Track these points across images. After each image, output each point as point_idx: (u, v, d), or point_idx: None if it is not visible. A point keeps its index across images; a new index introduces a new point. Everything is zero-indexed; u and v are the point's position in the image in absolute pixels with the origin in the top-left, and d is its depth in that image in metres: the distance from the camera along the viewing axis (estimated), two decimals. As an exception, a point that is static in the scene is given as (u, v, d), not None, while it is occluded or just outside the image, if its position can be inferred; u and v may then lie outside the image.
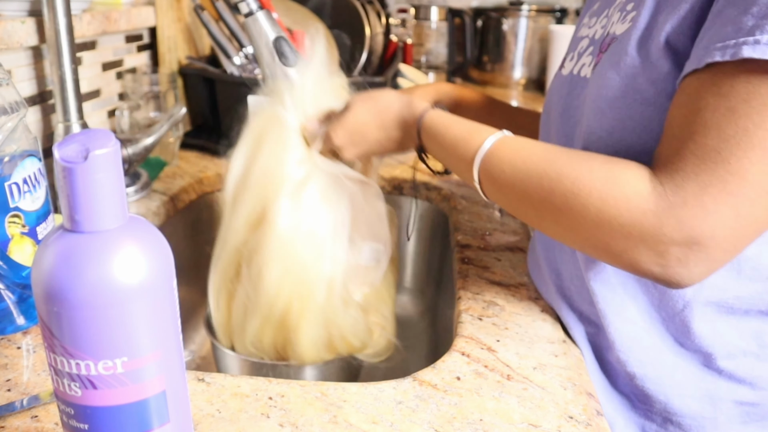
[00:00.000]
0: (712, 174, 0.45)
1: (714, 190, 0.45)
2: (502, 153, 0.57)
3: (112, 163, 0.31)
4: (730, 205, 0.44)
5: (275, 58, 0.73)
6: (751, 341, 0.59)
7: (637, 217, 0.48)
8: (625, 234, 0.48)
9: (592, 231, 0.50)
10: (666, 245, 0.47)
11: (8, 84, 0.56)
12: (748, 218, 0.45)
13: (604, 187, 0.50)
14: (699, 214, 0.45)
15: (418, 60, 2.01)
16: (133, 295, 0.32)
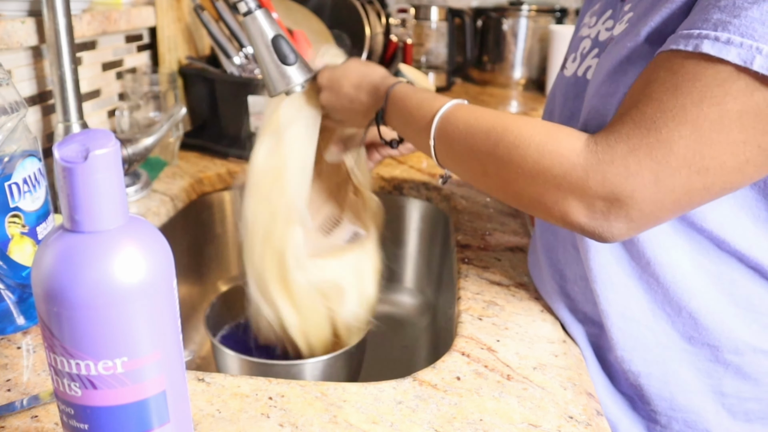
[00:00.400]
0: (641, 139, 0.48)
1: (640, 153, 0.48)
2: (459, 113, 0.62)
3: (112, 163, 0.31)
4: (651, 170, 0.48)
5: (274, 56, 0.73)
6: (759, 337, 0.60)
7: (567, 169, 0.51)
8: (555, 185, 0.52)
9: (528, 182, 0.54)
10: (591, 198, 0.51)
11: (8, 84, 0.56)
12: (667, 186, 0.48)
13: (543, 140, 0.54)
14: (622, 173, 0.49)
15: (418, 60, 2.01)
16: (133, 295, 0.32)
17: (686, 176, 0.48)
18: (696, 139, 0.46)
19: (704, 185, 0.48)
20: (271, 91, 0.75)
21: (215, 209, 1.12)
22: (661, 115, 0.47)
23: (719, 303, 0.59)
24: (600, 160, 0.50)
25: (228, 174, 1.11)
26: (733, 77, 0.45)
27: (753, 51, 0.43)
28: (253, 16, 0.72)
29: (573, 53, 0.70)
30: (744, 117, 0.45)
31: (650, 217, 0.50)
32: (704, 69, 0.46)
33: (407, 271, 1.14)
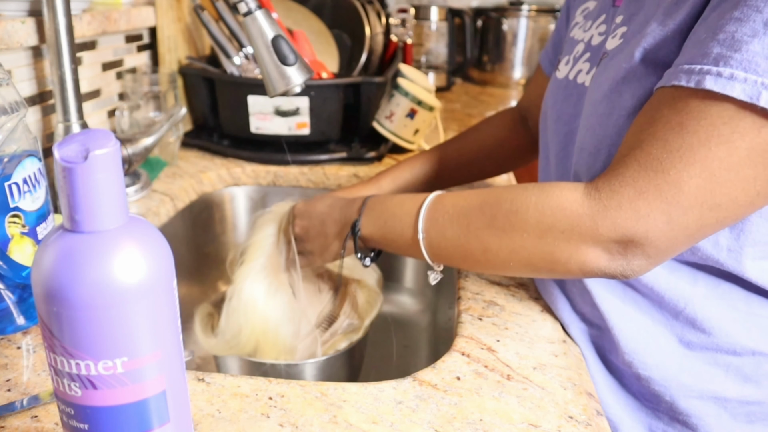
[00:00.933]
0: (649, 181, 0.47)
1: (649, 195, 0.47)
2: (444, 199, 0.60)
3: (112, 163, 0.31)
4: (663, 211, 0.47)
5: (274, 57, 0.73)
6: (759, 339, 0.60)
7: (573, 221, 0.51)
8: (565, 239, 0.51)
9: (537, 244, 0.53)
10: (605, 243, 0.50)
11: (8, 84, 0.56)
12: (680, 224, 0.47)
13: (539, 199, 0.53)
14: (632, 216, 0.48)
15: (418, 60, 2.01)
16: (133, 295, 0.32)
17: (698, 213, 0.47)
18: (706, 178, 0.46)
19: (717, 219, 0.48)
20: (271, 91, 0.75)
21: (215, 209, 1.12)
22: (668, 155, 0.47)
23: (716, 308, 0.59)
24: (606, 206, 0.49)
25: (228, 174, 1.11)
26: (739, 114, 0.44)
27: (758, 86, 0.43)
28: (253, 17, 0.72)
29: (567, 56, 0.70)
30: (753, 153, 0.45)
31: (667, 252, 0.50)
32: (709, 107, 0.45)
33: (407, 271, 1.14)
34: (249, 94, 1.11)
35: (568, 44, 0.71)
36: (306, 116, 1.12)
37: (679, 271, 0.59)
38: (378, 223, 0.64)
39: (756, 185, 0.46)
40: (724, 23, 0.45)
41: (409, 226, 0.60)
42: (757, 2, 0.44)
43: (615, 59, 0.57)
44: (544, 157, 0.76)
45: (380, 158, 1.17)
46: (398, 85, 1.19)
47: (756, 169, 0.45)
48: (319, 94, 1.11)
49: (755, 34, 0.43)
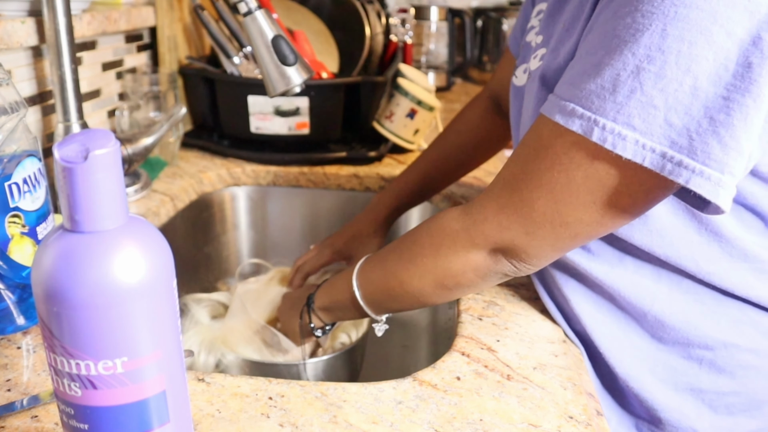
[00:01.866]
0: (508, 198, 0.53)
1: (508, 211, 0.53)
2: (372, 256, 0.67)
3: (112, 163, 0.31)
4: (520, 224, 0.53)
5: (274, 57, 0.73)
6: (729, 331, 0.60)
7: (454, 235, 0.57)
8: (453, 252, 0.57)
9: (435, 263, 0.58)
10: (484, 250, 0.56)
11: (8, 84, 0.56)
12: (537, 236, 0.52)
13: (429, 225, 0.60)
14: (497, 228, 0.54)
15: (418, 60, 2.01)
16: (133, 295, 0.32)
17: (550, 229, 0.52)
18: (551, 200, 0.50)
19: (570, 235, 0.52)
20: (271, 91, 0.75)
21: (215, 209, 1.12)
22: (523, 177, 0.52)
23: (683, 303, 0.60)
24: (475, 220, 0.55)
25: (228, 174, 1.11)
26: (576, 146, 0.48)
27: (591, 123, 0.46)
28: (253, 17, 0.72)
29: (524, 63, 0.71)
30: (588, 182, 0.48)
31: (539, 256, 0.55)
32: (555, 137, 0.49)
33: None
34: (249, 94, 1.11)
35: (524, 50, 0.72)
36: (306, 116, 1.12)
37: (642, 269, 0.60)
38: (326, 291, 0.71)
39: (597, 209, 0.50)
40: (578, 59, 0.49)
41: (348, 286, 0.66)
42: (597, 43, 0.47)
43: (535, 84, 0.60)
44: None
45: (380, 158, 1.17)
46: (398, 85, 1.19)
47: (594, 195, 0.49)
48: (319, 94, 1.11)
49: (592, 74, 0.46)
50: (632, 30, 0.44)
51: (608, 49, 0.46)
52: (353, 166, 1.14)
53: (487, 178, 1.09)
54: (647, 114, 0.44)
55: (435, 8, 1.97)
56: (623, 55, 0.44)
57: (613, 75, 0.45)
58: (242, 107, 1.12)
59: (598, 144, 0.45)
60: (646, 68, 0.44)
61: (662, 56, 0.43)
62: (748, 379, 0.61)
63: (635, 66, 0.44)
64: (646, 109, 0.44)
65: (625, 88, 0.44)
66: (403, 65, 1.29)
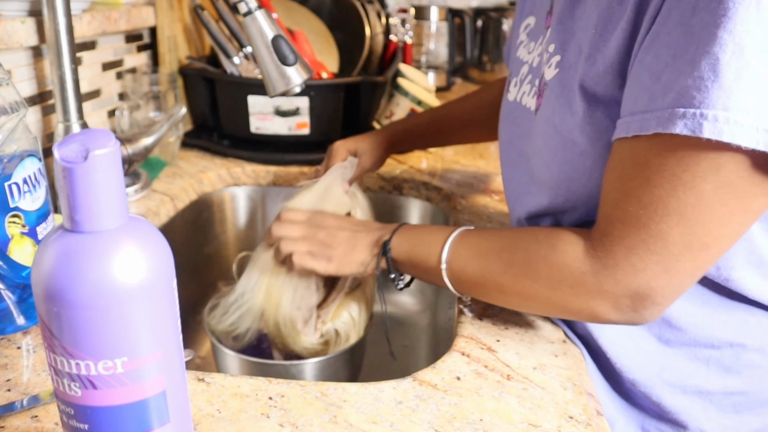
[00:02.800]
0: (635, 237, 0.49)
1: (640, 251, 0.49)
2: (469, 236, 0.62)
3: (112, 163, 0.31)
4: (655, 262, 0.49)
5: (274, 57, 0.73)
6: (735, 331, 0.60)
7: (579, 278, 0.53)
8: (575, 294, 0.53)
9: (549, 294, 0.55)
10: (612, 298, 0.52)
11: (8, 84, 0.56)
12: (677, 269, 0.49)
13: (548, 253, 0.55)
14: (630, 272, 0.50)
15: (418, 60, 2.01)
16: (133, 295, 0.32)
17: (690, 256, 0.48)
18: (685, 225, 0.47)
19: (710, 256, 0.49)
20: (271, 91, 0.75)
21: (215, 209, 1.12)
22: (644, 210, 0.48)
23: (689, 304, 0.60)
24: (605, 264, 0.51)
25: (228, 174, 1.11)
26: (695, 159, 0.45)
27: (698, 119, 0.42)
28: (253, 17, 0.72)
29: (514, 77, 0.70)
30: (720, 192, 0.45)
31: (674, 295, 0.51)
32: (666, 158, 0.46)
33: (407, 271, 1.14)
34: (249, 94, 1.11)
35: (515, 65, 0.72)
36: (306, 116, 1.12)
37: None
38: (406, 246, 0.65)
39: (734, 218, 0.47)
40: (661, 68, 0.45)
41: (434, 255, 0.62)
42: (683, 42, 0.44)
43: (555, 92, 0.58)
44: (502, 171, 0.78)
45: (380, 158, 1.16)
46: (398, 85, 1.19)
47: (729, 206, 0.46)
48: (319, 94, 1.11)
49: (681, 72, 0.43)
50: (720, 12, 0.41)
51: (699, 42, 0.42)
52: (353, 166, 1.14)
53: (487, 178, 1.09)
54: (761, 92, 0.41)
55: (435, 8, 1.97)
56: (718, 38, 0.41)
57: (712, 62, 0.41)
58: (242, 107, 1.12)
59: (712, 140, 0.42)
60: (747, 45, 0.40)
61: (761, 28, 0.40)
62: (755, 379, 0.61)
63: (736, 45, 0.40)
64: (759, 87, 0.41)
65: (730, 71, 0.41)
66: (403, 65, 1.29)
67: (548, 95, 0.60)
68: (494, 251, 0.59)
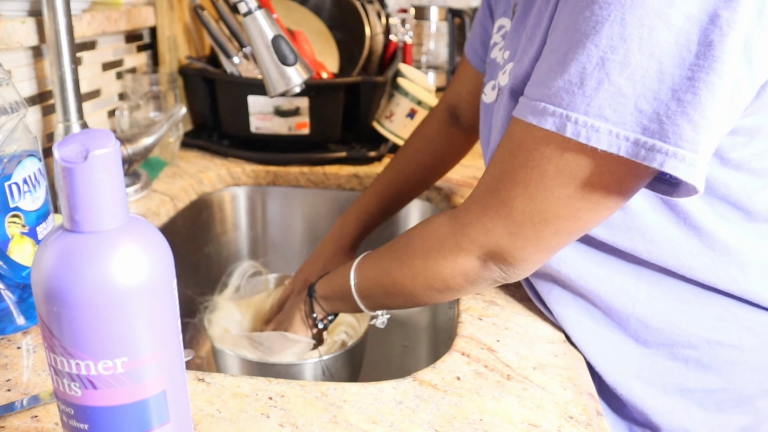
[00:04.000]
0: (490, 200, 0.54)
1: (491, 212, 0.54)
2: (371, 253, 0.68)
3: (112, 163, 0.31)
4: (503, 225, 0.53)
5: (274, 57, 0.73)
6: (712, 328, 0.60)
7: (442, 240, 0.58)
8: (442, 257, 0.58)
9: (425, 265, 0.59)
10: (472, 255, 0.56)
11: (8, 84, 0.56)
12: (520, 236, 0.53)
13: (420, 228, 0.62)
14: (481, 231, 0.55)
15: (418, 60, 2.01)
16: (133, 296, 0.32)
17: (531, 227, 0.52)
18: (528, 197, 0.51)
19: (551, 232, 0.52)
20: (271, 91, 0.75)
21: (215, 209, 1.12)
22: (500, 176, 0.53)
23: (665, 303, 0.60)
24: (462, 223, 0.56)
25: (228, 174, 1.11)
26: (546, 141, 0.49)
27: (563, 119, 0.46)
28: (253, 17, 0.73)
29: (492, 80, 0.71)
30: (561, 175, 0.49)
31: (525, 259, 0.55)
32: (526, 135, 0.50)
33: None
34: (249, 94, 1.11)
35: (490, 67, 0.72)
36: (306, 116, 1.12)
37: (622, 271, 0.60)
38: (327, 281, 0.73)
39: (573, 203, 0.50)
40: (543, 60, 0.50)
41: (346, 278, 0.68)
42: (560, 40, 0.47)
43: (503, 97, 0.60)
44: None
45: (380, 158, 1.17)
46: (398, 85, 1.19)
47: (567, 189, 0.49)
48: (319, 94, 1.11)
49: (557, 71, 0.47)
50: (592, 23, 0.44)
51: (571, 45, 0.46)
52: (353, 166, 1.14)
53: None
54: (617, 103, 0.44)
55: (435, 8, 1.97)
56: (586, 48, 0.45)
57: (579, 69, 0.45)
58: (242, 107, 1.12)
59: (572, 139, 0.46)
60: (610, 58, 0.44)
61: (624, 45, 0.43)
62: (734, 375, 0.62)
63: (599, 57, 0.44)
64: (616, 98, 0.44)
65: (593, 81, 0.45)
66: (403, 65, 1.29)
67: (500, 100, 0.62)
68: (386, 249, 0.65)
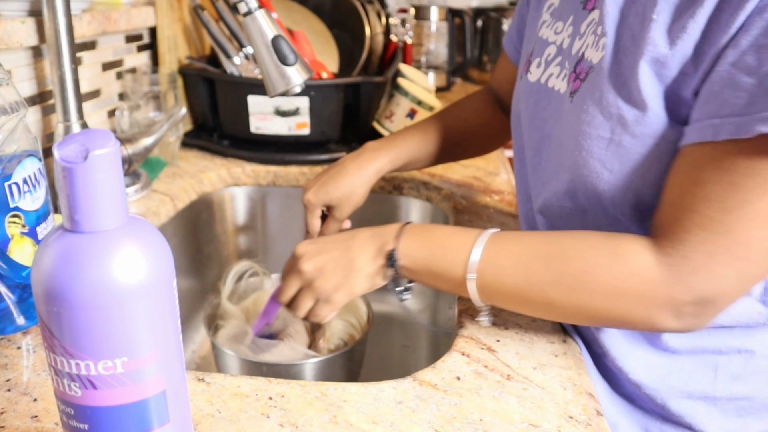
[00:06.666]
0: (717, 243, 0.48)
1: (721, 257, 0.48)
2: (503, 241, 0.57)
3: (112, 163, 0.31)
4: (736, 268, 0.48)
5: (274, 57, 0.73)
6: (743, 337, 0.60)
7: (648, 287, 0.51)
8: (638, 304, 0.51)
9: (607, 305, 0.53)
10: (679, 306, 0.50)
11: (8, 84, 0.56)
12: (751, 275, 0.49)
13: (610, 262, 0.52)
14: (708, 279, 0.49)
15: (418, 60, 2.01)
16: (133, 295, 0.32)
17: (766, 262, 0.49)
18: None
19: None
20: (271, 91, 0.75)
21: (215, 209, 1.12)
22: (729, 215, 0.47)
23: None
24: (681, 272, 0.50)
25: (228, 174, 1.11)
26: None
27: None
28: (253, 17, 0.72)
29: (537, 58, 0.68)
30: None
31: (735, 300, 0.51)
32: (757, 162, 0.45)
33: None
34: (249, 94, 1.11)
35: (538, 45, 0.69)
36: (306, 116, 1.12)
37: None
38: (422, 253, 0.58)
39: None
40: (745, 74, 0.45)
41: (460, 264, 0.57)
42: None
43: (604, 77, 0.55)
44: (518, 159, 0.75)
45: (380, 158, 1.16)
46: (398, 85, 1.19)
47: None
48: (319, 94, 1.11)
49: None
50: None
51: None
52: (353, 166, 1.13)
53: (487, 178, 1.09)
54: None
55: (435, 8, 1.97)
56: None
57: None
58: (242, 107, 1.12)
59: None
60: None
61: None
62: (761, 384, 0.61)
63: None
64: None
65: None
66: (403, 65, 1.29)
67: (593, 79, 0.56)
68: (540, 259, 0.55)
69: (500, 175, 1.11)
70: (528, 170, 0.70)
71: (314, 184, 0.80)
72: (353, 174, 0.80)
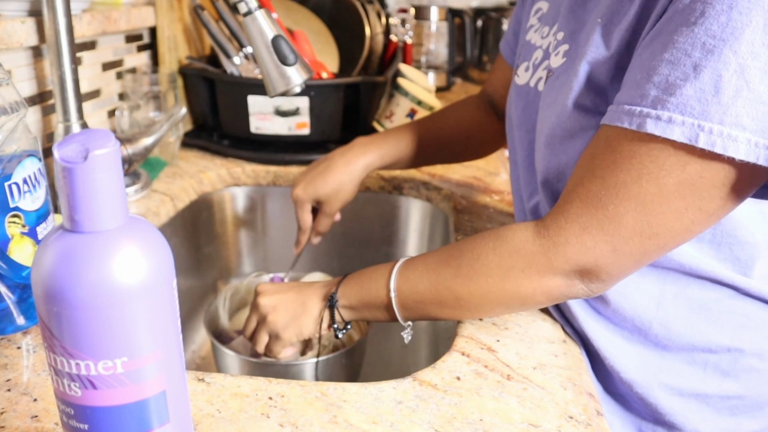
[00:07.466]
0: (591, 217, 0.51)
1: (593, 230, 0.51)
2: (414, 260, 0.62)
3: (112, 163, 0.31)
4: (606, 242, 0.51)
5: (274, 57, 0.73)
6: (733, 335, 0.60)
7: (530, 259, 0.55)
8: (526, 276, 0.55)
9: (502, 285, 0.56)
10: (562, 274, 0.54)
11: (8, 84, 0.56)
12: (624, 252, 0.51)
13: (495, 243, 0.57)
14: (580, 249, 0.52)
15: (418, 60, 2.01)
16: (133, 295, 0.32)
17: (639, 242, 0.50)
18: (641, 212, 0.49)
19: (657, 246, 0.51)
20: (271, 91, 0.75)
21: (215, 209, 1.12)
22: (606, 192, 0.50)
23: (688, 309, 0.61)
24: (555, 242, 0.53)
25: (228, 174, 1.11)
26: (664, 153, 0.47)
27: (695, 129, 0.45)
28: (253, 17, 0.72)
29: (525, 62, 0.70)
30: (681, 187, 0.47)
31: (619, 275, 0.54)
32: (638, 147, 0.48)
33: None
34: (249, 94, 1.11)
35: (525, 49, 0.71)
36: (306, 116, 1.12)
37: (647, 275, 0.60)
38: (354, 289, 0.65)
39: (688, 215, 0.49)
40: (657, 65, 0.47)
41: (384, 287, 0.62)
42: (685, 46, 0.45)
43: (560, 80, 0.59)
44: (512, 160, 0.77)
45: (380, 158, 1.16)
46: (398, 85, 1.19)
47: (686, 201, 0.48)
48: (319, 94, 1.11)
49: (687, 78, 0.45)
50: (729, 29, 0.43)
51: (704, 51, 0.44)
52: (353, 166, 1.13)
53: (487, 178, 1.09)
54: (756, 111, 0.43)
55: (435, 8, 1.97)
56: (723, 55, 0.43)
57: (714, 77, 0.44)
58: (242, 107, 1.12)
59: (705, 149, 0.44)
60: (750, 65, 0.43)
61: (766, 50, 0.42)
62: (752, 383, 0.62)
63: (738, 65, 0.43)
64: (755, 106, 0.43)
65: (730, 89, 0.43)
66: (403, 65, 1.29)
67: (551, 83, 0.60)
68: (442, 262, 0.60)
69: (500, 175, 1.11)
70: (520, 172, 0.73)
71: (303, 179, 0.83)
72: (341, 170, 0.83)
